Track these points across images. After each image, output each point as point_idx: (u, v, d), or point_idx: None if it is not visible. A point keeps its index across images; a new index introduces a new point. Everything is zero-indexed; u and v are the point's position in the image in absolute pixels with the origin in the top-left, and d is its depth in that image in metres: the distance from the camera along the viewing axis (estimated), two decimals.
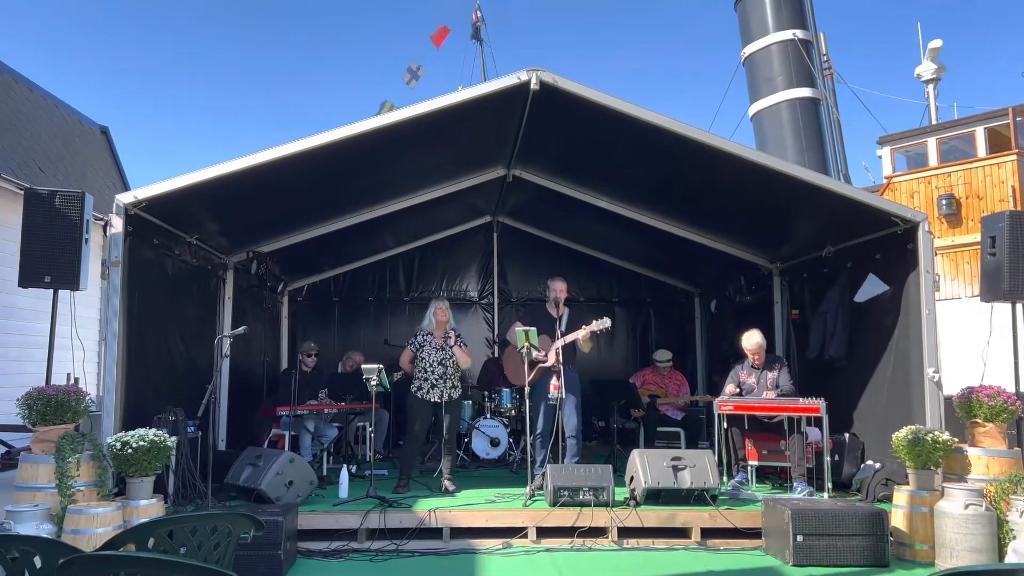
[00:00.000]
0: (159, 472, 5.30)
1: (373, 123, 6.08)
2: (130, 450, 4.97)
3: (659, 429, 8.52)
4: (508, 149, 7.93)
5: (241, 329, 6.15)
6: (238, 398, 8.09)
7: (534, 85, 6.02)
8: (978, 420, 5.83)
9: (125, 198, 5.77)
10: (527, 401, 6.56)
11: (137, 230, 5.96)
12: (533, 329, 6.60)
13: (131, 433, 5.06)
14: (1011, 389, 5.99)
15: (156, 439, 5.07)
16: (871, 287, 7.04)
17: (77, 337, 5.63)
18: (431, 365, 6.83)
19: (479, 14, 19.53)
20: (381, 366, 6.52)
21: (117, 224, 5.70)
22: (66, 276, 5.43)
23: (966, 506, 5.17)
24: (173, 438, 5.34)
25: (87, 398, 5.24)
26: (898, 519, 5.57)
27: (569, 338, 6.77)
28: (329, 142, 6.01)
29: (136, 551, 2.49)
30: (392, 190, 8.32)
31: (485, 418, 8.79)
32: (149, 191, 5.82)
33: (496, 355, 10.44)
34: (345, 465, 6.75)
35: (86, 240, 5.46)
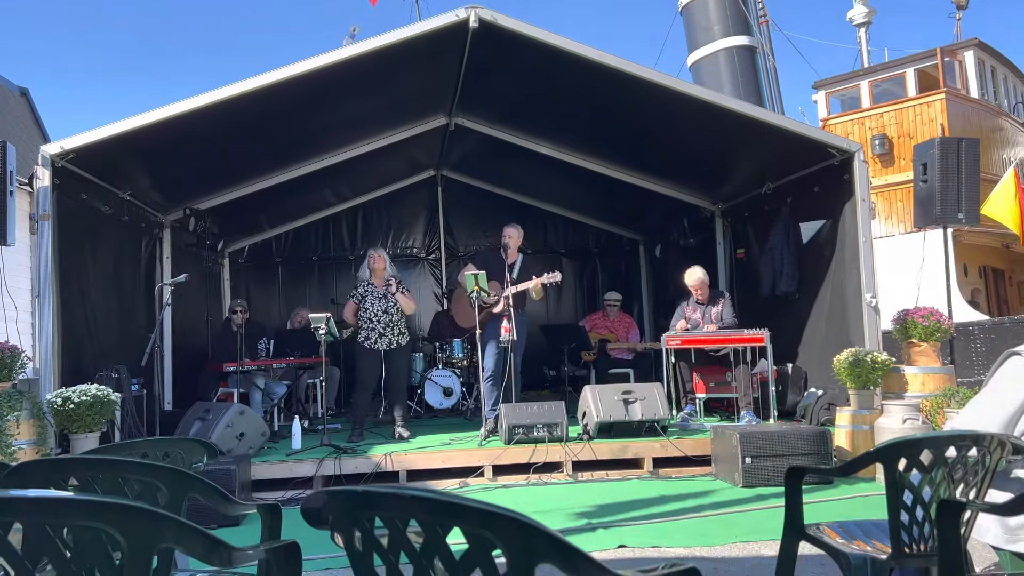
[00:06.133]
0: (104, 429, 5.18)
1: (304, 66, 5.89)
2: (72, 405, 4.84)
3: (610, 371, 8.62)
4: (449, 95, 7.82)
5: (182, 277, 6.00)
6: (182, 359, 7.89)
7: (473, 23, 5.93)
8: (914, 340, 6.07)
9: (51, 149, 5.56)
10: (479, 343, 6.56)
11: (65, 184, 5.74)
12: (483, 273, 6.58)
13: (72, 388, 4.93)
14: (944, 311, 6.23)
15: (99, 393, 4.95)
16: (810, 228, 7.16)
17: (9, 295, 5.42)
18: (375, 314, 6.77)
19: None
20: (329, 314, 6.45)
21: (44, 177, 5.48)
22: None
23: (904, 420, 5.37)
24: (117, 394, 5.21)
25: (23, 354, 5.06)
26: (841, 438, 5.78)
27: (521, 287, 6.75)
28: (259, 87, 5.86)
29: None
30: (329, 141, 8.14)
31: (437, 369, 8.79)
32: (76, 141, 5.62)
33: (446, 308, 10.41)
34: (297, 417, 6.68)
35: (11, 192, 5.22)
